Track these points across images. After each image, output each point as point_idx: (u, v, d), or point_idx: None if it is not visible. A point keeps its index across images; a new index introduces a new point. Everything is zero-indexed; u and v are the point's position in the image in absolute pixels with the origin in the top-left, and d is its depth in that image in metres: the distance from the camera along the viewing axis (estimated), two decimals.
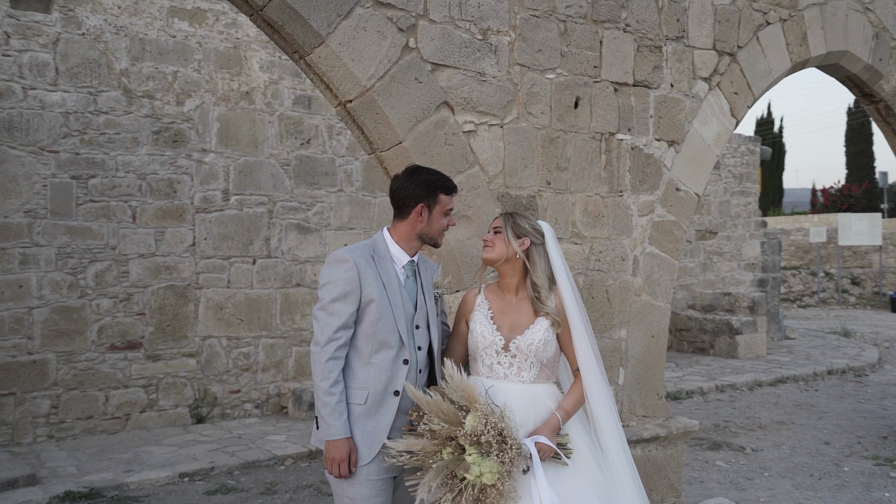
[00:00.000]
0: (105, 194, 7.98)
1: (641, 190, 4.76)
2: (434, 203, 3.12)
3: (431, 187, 3.12)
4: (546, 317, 3.04)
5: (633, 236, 4.72)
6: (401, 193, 3.12)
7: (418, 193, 3.10)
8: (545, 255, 3.12)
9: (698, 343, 15.14)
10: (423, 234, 3.13)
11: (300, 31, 3.56)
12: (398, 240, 3.12)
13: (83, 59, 7.88)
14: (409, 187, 3.12)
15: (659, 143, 4.83)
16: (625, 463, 3.06)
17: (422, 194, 3.10)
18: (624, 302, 4.68)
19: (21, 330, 7.59)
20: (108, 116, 8.01)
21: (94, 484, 6.28)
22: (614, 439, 3.06)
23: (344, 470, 2.85)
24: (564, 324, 3.07)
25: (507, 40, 4.17)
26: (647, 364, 4.79)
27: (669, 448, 4.82)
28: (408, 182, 3.13)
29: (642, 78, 4.73)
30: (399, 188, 3.13)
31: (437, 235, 3.17)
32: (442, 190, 3.15)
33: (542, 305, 3.05)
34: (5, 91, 7.52)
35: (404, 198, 3.11)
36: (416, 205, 3.09)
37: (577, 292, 3.14)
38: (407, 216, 3.11)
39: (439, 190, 3.14)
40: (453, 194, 3.22)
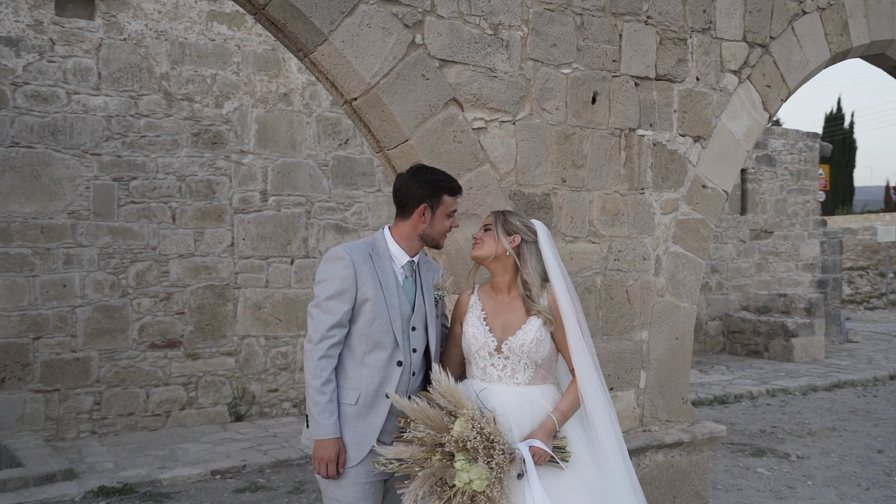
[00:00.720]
0: (146, 196, 8.15)
1: (664, 187, 4.61)
2: (438, 204, 3.05)
3: (435, 188, 3.06)
4: (538, 315, 2.95)
5: (655, 235, 4.57)
6: (404, 192, 3.06)
7: (422, 193, 3.04)
8: (537, 253, 3.03)
9: (752, 346, 14.73)
10: (425, 235, 3.07)
11: (302, 29, 3.54)
12: (398, 239, 3.07)
13: (125, 63, 8.06)
14: (412, 186, 3.06)
15: (683, 139, 4.67)
16: (621, 466, 2.94)
17: (425, 194, 3.04)
18: (645, 303, 4.54)
19: (65, 328, 7.80)
20: (149, 119, 8.18)
21: (128, 479, 6.41)
22: (611, 441, 2.95)
23: (332, 470, 2.81)
24: (558, 322, 2.97)
25: (520, 35, 4.08)
26: (670, 367, 4.64)
27: (694, 454, 4.66)
28: (411, 181, 3.07)
29: (665, 71, 4.58)
30: (402, 187, 3.08)
31: (439, 237, 3.10)
32: (446, 191, 3.08)
33: (532, 304, 2.96)
34: (50, 96, 7.74)
35: (407, 197, 3.05)
36: (419, 205, 3.03)
37: (572, 290, 3.05)
38: (409, 216, 3.05)
39: (443, 191, 3.07)
40: (458, 196, 3.15)
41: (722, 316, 15.35)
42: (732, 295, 15.53)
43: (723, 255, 15.40)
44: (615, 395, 4.42)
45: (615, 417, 3.06)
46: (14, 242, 7.58)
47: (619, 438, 3.01)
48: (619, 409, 4.44)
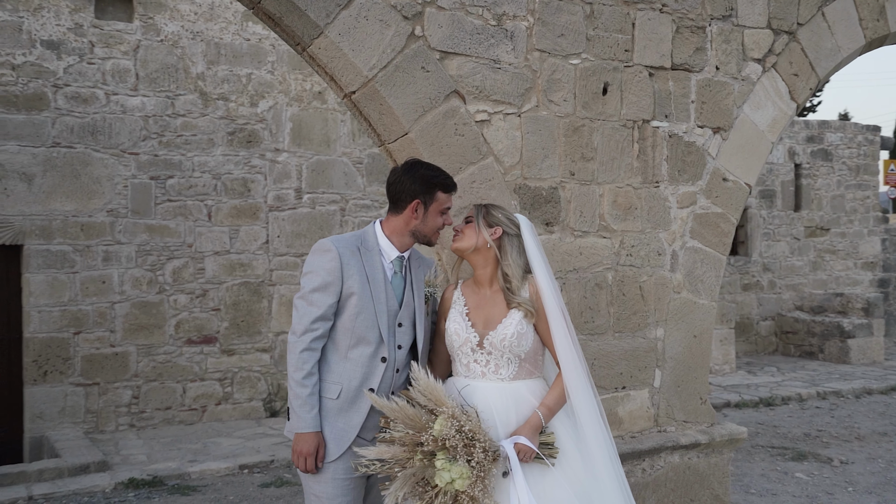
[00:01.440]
0: (182, 194, 8.30)
1: (681, 180, 4.46)
2: (431, 200, 2.99)
3: (429, 184, 2.99)
4: (518, 308, 2.87)
5: (671, 230, 4.43)
6: (397, 187, 3.01)
7: (415, 189, 2.98)
8: (519, 246, 2.95)
9: (806, 347, 14.27)
10: (417, 232, 3.01)
11: (298, 22, 3.53)
12: (389, 234, 3.02)
13: (161, 64, 8.22)
14: (406, 181, 3.00)
15: (702, 131, 4.52)
16: (607, 463, 2.84)
17: (418, 190, 2.98)
18: (660, 299, 4.40)
19: (104, 323, 7.99)
20: (185, 119, 8.33)
21: (158, 472, 6.53)
22: (597, 437, 2.85)
23: (310, 464, 2.78)
24: (541, 314, 2.88)
25: (525, 25, 4.00)
26: (687, 366, 4.49)
27: (713, 456, 4.50)
28: (405, 176, 3.02)
29: (682, 61, 4.44)
30: (396, 181, 3.03)
31: (431, 234, 3.04)
32: (440, 187, 3.02)
33: (513, 296, 2.88)
34: (90, 97, 7.94)
35: (400, 192, 3.00)
36: (412, 200, 2.97)
37: (555, 282, 2.96)
38: (401, 211, 3.00)
39: (437, 187, 3.01)
40: (452, 193, 3.09)
41: (774, 316, 14.91)
42: (786, 294, 15.08)
43: (775, 252, 14.97)
44: (627, 394, 4.31)
45: (602, 412, 2.96)
46: (55, 240, 7.80)
47: (606, 434, 2.91)
48: (633, 408, 4.33)
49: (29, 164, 7.69)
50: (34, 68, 7.72)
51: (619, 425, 4.28)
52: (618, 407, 4.28)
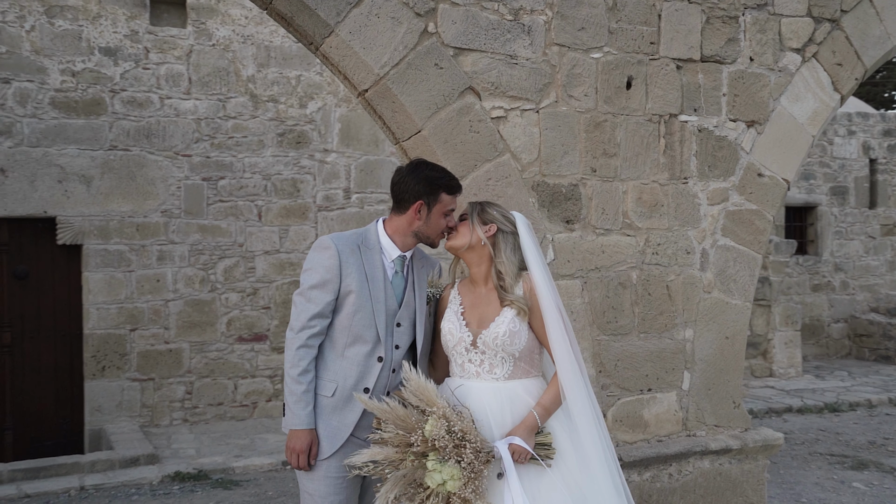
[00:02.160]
0: (233, 194, 8.48)
1: (711, 176, 4.31)
2: (435, 202, 2.94)
3: (434, 185, 2.94)
4: (511, 306, 2.80)
5: (700, 227, 4.29)
6: (401, 187, 2.98)
7: (419, 189, 2.93)
8: (514, 243, 2.88)
9: (881, 350, 13.65)
10: (419, 233, 2.98)
11: (309, 21, 3.55)
12: (392, 233, 3.00)
13: (213, 68, 8.42)
14: (409, 182, 2.96)
15: (734, 124, 4.35)
16: (603, 464, 2.75)
17: (422, 191, 2.93)
18: (689, 299, 4.26)
19: (159, 321, 8.24)
20: (236, 121, 8.51)
21: (204, 466, 6.68)
22: (592, 437, 2.76)
23: (303, 462, 2.79)
24: (537, 312, 2.81)
25: (543, 19, 3.92)
26: (719, 368, 4.33)
27: (746, 462, 4.33)
28: (409, 176, 2.98)
29: (713, 53, 4.28)
30: (400, 181, 2.99)
31: (434, 236, 2.99)
32: (444, 189, 2.97)
33: (506, 294, 2.82)
34: (145, 101, 8.20)
35: (404, 192, 2.96)
36: (415, 201, 2.93)
37: (551, 280, 2.88)
38: (405, 211, 2.97)
39: (441, 189, 2.96)
40: (457, 194, 3.03)
41: (847, 318, 14.31)
42: (860, 295, 14.46)
43: (848, 252, 14.37)
44: (654, 397, 4.19)
45: (596, 411, 2.87)
46: (112, 239, 8.08)
47: (602, 435, 2.82)
48: (659, 411, 4.20)
49: (88, 167, 7.99)
50: (93, 74, 8.02)
51: (645, 428, 4.16)
52: (643, 410, 4.16)
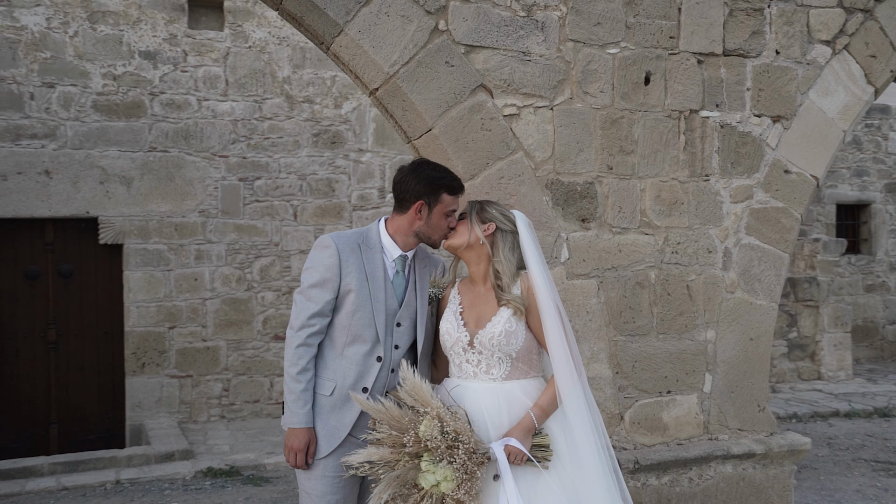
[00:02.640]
0: (269, 194, 8.59)
1: (734, 173, 4.19)
2: (435, 202, 2.92)
3: (434, 185, 2.92)
4: (507, 305, 2.76)
5: (722, 225, 4.18)
6: (402, 187, 2.96)
7: (419, 190, 2.91)
8: (513, 242, 2.84)
9: None
10: (420, 233, 2.95)
11: (318, 21, 3.56)
12: (393, 233, 2.99)
13: (250, 69, 8.54)
14: (410, 181, 2.94)
15: (759, 120, 4.23)
16: (598, 468, 2.68)
17: (423, 191, 2.91)
18: (711, 299, 4.16)
19: (196, 319, 8.39)
20: (272, 122, 8.61)
21: (236, 462, 6.78)
22: (588, 441, 2.70)
23: (300, 460, 2.79)
24: (534, 311, 2.77)
25: (557, 15, 3.87)
26: (742, 370, 4.22)
27: (772, 468, 4.21)
28: (410, 176, 2.96)
29: (736, 46, 4.17)
30: (401, 181, 2.98)
31: (435, 236, 2.96)
32: (446, 189, 2.94)
33: (502, 293, 2.78)
34: (183, 103, 8.35)
35: (405, 192, 2.95)
36: (416, 201, 2.91)
37: (551, 279, 2.83)
38: (405, 211, 2.95)
39: (443, 189, 2.93)
40: (458, 195, 3.00)
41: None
42: None
43: None
44: (673, 399, 4.10)
45: (597, 414, 2.81)
46: (152, 239, 8.26)
47: (600, 438, 2.76)
48: (679, 414, 4.11)
49: (128, 168, 8.18)
50: (133, 78, 8.20)
51: (664, 431, 4.08)
52: (662, 412, 4.08)
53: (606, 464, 2.75)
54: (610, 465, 2.79)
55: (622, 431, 4.01)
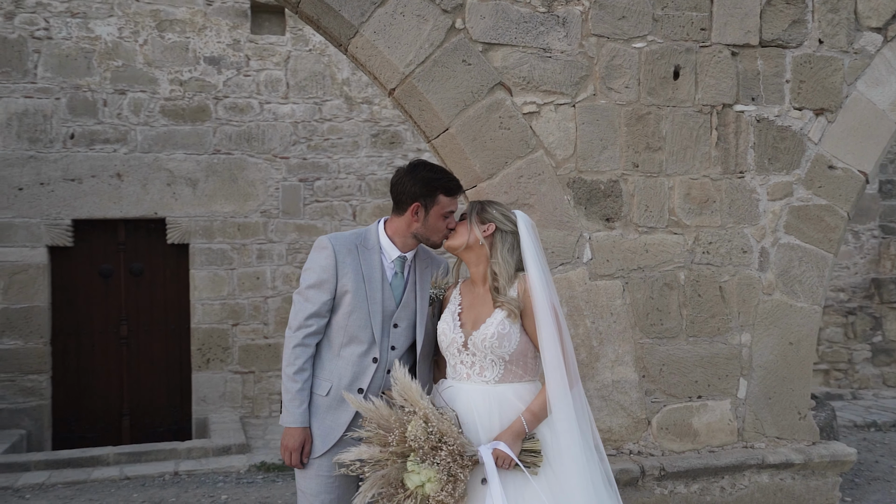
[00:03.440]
0: (328, 195, 8.73)
1: (772, 170, 4.01)
2: (432, 203, 2.88)
3: (430, 186, 2.87)
4: (502, 307, 2.71)
5: (759, 224, 4.00)
6: (398, 188, 2.94)
7: (415, 191, 2.88)
8: (512, 243, 2.78)
9: None
10: (418, 235, 2.92)
11: (334, 23, 3.59)
12: (392, 234, 2.97)
13: (310, 72, 8.70)
14: (407, 183, 2.91)
15: (800, 113, 4.03)
16: (581, 478, 2.59)
17: (419, 192, 2.87)
18: (746, 301, 3.99)
19: (258, 316, 8.60)
20: (332, 123, 8.75)
21: None
22: (572, 449, 2.60)
23: (295, 459, 2.82)
24: (530, 314, 2.70)
25: (580, 10, 3.78)
26: (781, 376, 4.03)
27: (813, 479, 4.00)
28: (407, 177, 2.93)
29: (774, 36, 3.99)
30: (398, 182, 2.96)
31: (433, 237, 2.92)
32: (442, 190, 2.89)
33: (497, 295, 2.72)
34: (245, 107, 8.58)
35: (401, 193, 2.93)
36: (412, 203, 2.88)
37: (550, 283, 2.76)
38: (403, 213, 2.93)
39: (439, 190, 2.88)
40: (456, 196, 2.95)
41: None
42: None
43: None
44: (704, 404, 3.95)
45: (591, 423, 2.72)
46: (216, 239, 8.51)
47: (586, 447, 2.67)
48: (711, 420, 3.96)
49: (194, 171, 8.46)
50: (198, 83, 8.48)
51: (695, 438, 3.94)
52: (692, 418, 3.94)
53: (597, 474, 2.67)
54: (602, 476, 2.69)
55: (649, 437, 3.90)
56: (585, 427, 2.68)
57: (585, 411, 2.72)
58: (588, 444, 2.67)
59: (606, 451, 3.82)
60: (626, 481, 3.72)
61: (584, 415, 2.70)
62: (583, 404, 2.71)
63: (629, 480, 3.73)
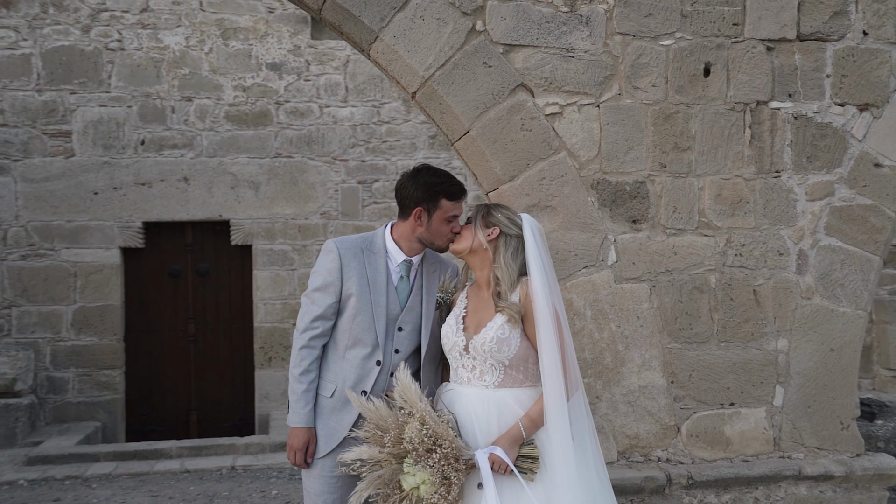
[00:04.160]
0: (386, 196, 8.83)
1: (811, 168, 3.84)
2: (434, 208, 2.91)
3: (433, 191, 2.91)
4: (502, 312, 2.69)
5: (797, 225, 3.84)
6: (402, 193, 2.98)
7: (418, 196, 2.92)
8: (516, 247, 2.76)
9: None
10: (423, 239, 2.95)
11: (355, 28, 3.64)
12: (398, 238, 3.01)
13: (368, 76, 8.82)
14: (409, 188, 2.95)
15: (842, 109, 3.85)
16: (570, 489, 2.55)
17: (421, 197, 2.91)
18: (783, 306, 3.83)
19: None
20: (389, 126, 8.85)
21: None
22: (563, 457, 2.57)
23: (300, 459, 2.87)
24: (530, 319, 2.67)
25: (604, 8, 3.72)
26: (821, 384, 3.85)
27: (856, 492, 3.81)
28: (409, 182, 2.97)
29: (813, 29, 3.82)
30: (401, 187, 3.00)
31: (437, 241, 2.95)
32: (445, 195, 2.92)
33: (499, 300, 2.71)
34: (306, 111, 8.78)
35: (405, 198, 2.97)
36: (415, 207, 2.92)
37: (555, 288, 2.73)
38: (407, 218, 2.97)
39: (441, 195, 2.91)
40: (459, 200, 2.97)
41: None
42: None
43: None
44: (737, 412, 3.82)
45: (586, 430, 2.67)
46: (277, 240, 8.74)
47: (584, 453, 2.62)
48: (744, 428, 3.83)
49: (256, 174, 8.71)
50: (260, 88, 8.73)
51: (727, 446, 3.82)
52: (724, 425, 3.81)
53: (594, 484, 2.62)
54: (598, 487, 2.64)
55: (679, 444, 3.80)
56: (585, 435, 2.64)
57: (585, 419, 2.68)
58: (585, 453, 2.63)
59: (633, 458, 3.80)
60: (652, 489, 3.63)
61: (584, 422, 2.66)
62: (583, 411, 2.67)
63: (655, 488, 3.64)
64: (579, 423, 2.64)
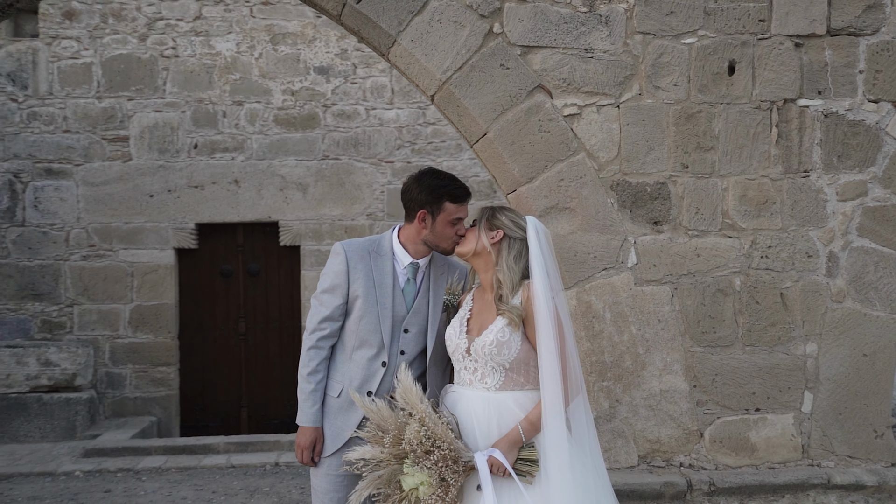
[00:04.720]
0: None
1: (842, 168, 3.72)
2: (438, 211, 2.92)
3: (436, 194, 2.92)
4: (503, 315, 2.69)
5: (827, 227, 3.72)
6: (407, 196, 3.01)
7: (421, 199, 2.93)
8: (519, 250, 2.75)
9: None
10: (428, 242, 2.97)
11: (373, 33, 3.68)
12: (404, 241, 3.04)
13: None
14: (413, 190, 2.97)
15: (875, 106, 3.72)
16: (562, 494, 2.53)
17: (425, 200, 2.92)
18: (812, 309, 3.72)
19: None
20: (435, 127, 8.90)
21: None
22: (559, 461, 2.55)
23: (307, 458, 2.93)
24: (532, 323, 2.67)
25: (624, 7, 3.67)
26: (853, 390, 3.73)
27: (890, 503, 3.68)
28: (414, 184, 2.99)
29: (845, 24, 3.70)
30: (406, 190, 3.03)
31: (442, 244, 2.96)
32: (448, 197, 2.92)
33: (500, 303, 2.71)
34: (352, 113, 8.90)
35: (409, 201, 2.99)
36: (419, 210, 2.94)
37: (559, 291, 2.71)
38: (412, 220, 2.99)
39: (445, 197, 2.92)
40: (463, 203, 2.97)
41: None
42: None
43: None
44: (763, 418, 3.73)
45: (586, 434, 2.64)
46: (325, 241, 8.88)
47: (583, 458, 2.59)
48: (771, 434, 3.74)
49: (304, 176, 8.87)
50: (308, 92, 8.88)
51: (752, 453, 3.73)
52: (749, 431, 3.73)
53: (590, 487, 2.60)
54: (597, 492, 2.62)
55: (702, 450, 3.73)
56: (584, 438, 2.62)
57: (586, 423, 2.66)
58: (584, 457, 2.61)
59: (655, 463, 3.75)
60: (672, 495, 3.58)
61: (584, 426, 2.64)
62: (584, 416, 2.65)
63: (675, 494, 3.58)
64: (579, 427, 2.63)
